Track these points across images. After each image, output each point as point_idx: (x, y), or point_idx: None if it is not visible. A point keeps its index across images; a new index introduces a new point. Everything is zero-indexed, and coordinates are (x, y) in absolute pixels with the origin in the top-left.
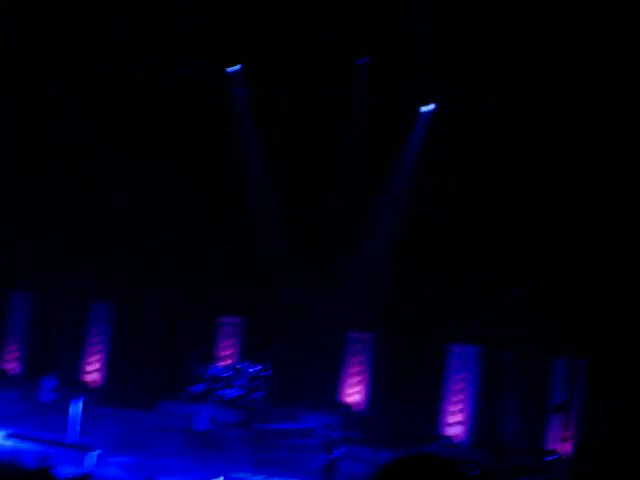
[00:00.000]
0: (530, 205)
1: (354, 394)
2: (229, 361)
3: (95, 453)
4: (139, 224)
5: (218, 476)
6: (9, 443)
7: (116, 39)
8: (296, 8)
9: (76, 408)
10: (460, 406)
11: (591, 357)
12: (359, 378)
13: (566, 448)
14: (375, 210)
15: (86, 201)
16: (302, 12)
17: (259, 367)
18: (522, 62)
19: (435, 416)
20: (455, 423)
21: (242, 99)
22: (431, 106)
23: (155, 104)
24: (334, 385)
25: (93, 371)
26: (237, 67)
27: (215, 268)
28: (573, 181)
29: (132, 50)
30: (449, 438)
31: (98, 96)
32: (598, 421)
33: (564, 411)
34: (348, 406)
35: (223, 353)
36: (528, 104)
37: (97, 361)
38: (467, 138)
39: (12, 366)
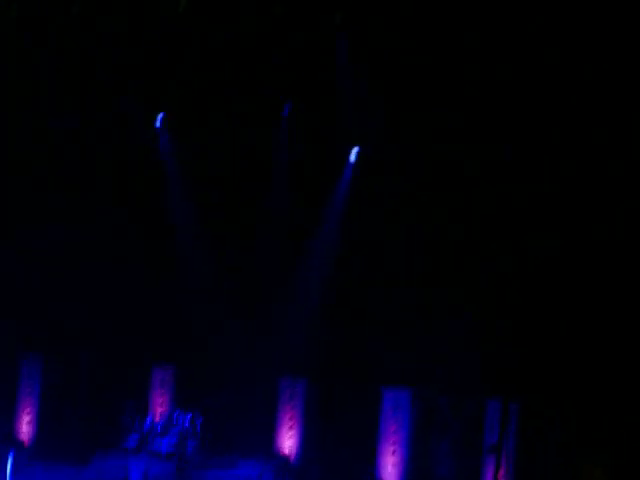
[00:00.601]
0: (462, 247)
1: (289, 440)
2: (162, 412)
3: None
4: (68, 275)
5: None
6: None
7: (40, 89)
8: (218, 55)
9: (8, 464)
10: (395, 450)
11: (524, 400)
12: (293, 424)
13: None
14: (306, 255)
15: (14, 252)
16: (224, 58)
17: (192, 417)
18: (451, 104)
19: (370, 461)
20: (390, 467)
21: (167, 148)
22: (355, 149)
23: (79, 154)
24: (269, 432)
25: (25, 426)
26: (160, 116)
27: (145, 319)
28: (505, 220)
29: (55, 100)
30: None
31: (20, 145)
32: (531, 464)
33: (497, 453)
34: (283, 453)
35: (156, 404)
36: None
37: (29, 415)
38: (396, 180)
39: None
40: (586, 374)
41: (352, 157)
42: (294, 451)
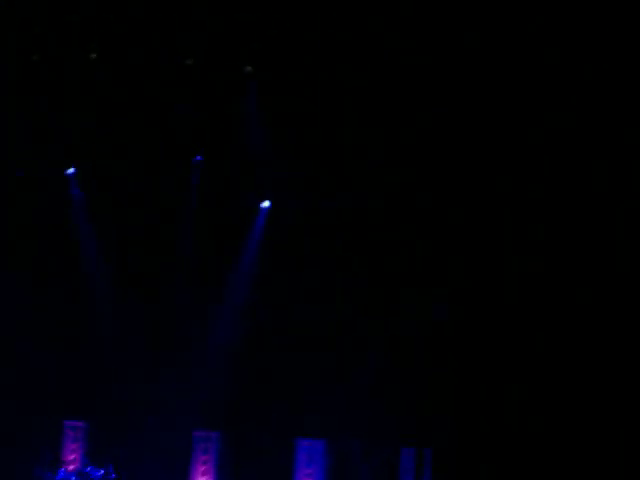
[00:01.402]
0: (374, 297)
1: None
2: (74, 465)
3: None
4: None
5: None
6: None
7: None
8: (127, 105)
9: None
10: None
11: (437, 446)
12: (208, 477)
13: None
14: (216, 307)
15: None
16: (133, 108)
17: (104, 471)
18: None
19: None
20: None
21: (79, 201)
22: (266, 203)
23: None
24: None
25: None
26: (72, 170)
27: (56, 373)
28: (416, 273)
29: None
30: None
31: None
32: None
33: None
34: None
35: (68, 457)
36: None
37: None
38: (307, 234)
39: None
40: (499, 418)
41: (263, 208)
42: None
